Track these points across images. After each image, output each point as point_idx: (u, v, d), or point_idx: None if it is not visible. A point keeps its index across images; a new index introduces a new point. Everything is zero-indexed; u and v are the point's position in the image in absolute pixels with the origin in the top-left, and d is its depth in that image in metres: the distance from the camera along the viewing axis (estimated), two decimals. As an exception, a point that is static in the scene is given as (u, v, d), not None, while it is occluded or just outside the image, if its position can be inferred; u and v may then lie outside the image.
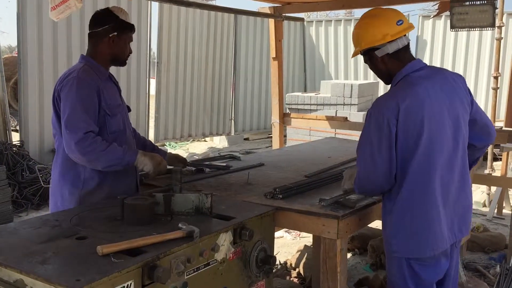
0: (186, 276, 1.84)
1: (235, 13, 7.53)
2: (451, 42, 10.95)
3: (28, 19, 7.29)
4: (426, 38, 11.34)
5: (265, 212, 2.30)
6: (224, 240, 2.02)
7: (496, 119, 6.31)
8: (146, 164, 2.56)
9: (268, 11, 5.39)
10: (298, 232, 5.05)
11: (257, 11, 5.62)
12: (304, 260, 4.10)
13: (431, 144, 2.24)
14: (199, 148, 10.71)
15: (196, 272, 1.89)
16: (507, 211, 5.84)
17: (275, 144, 5.74)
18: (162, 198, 2.20)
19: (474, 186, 3.18)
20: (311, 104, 9.26)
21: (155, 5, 9.22)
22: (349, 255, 4.52)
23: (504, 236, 4.81)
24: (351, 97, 8.93)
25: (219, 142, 11.09)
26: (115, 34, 2.62)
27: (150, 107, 9.48)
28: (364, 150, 2.32)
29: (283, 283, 3.79)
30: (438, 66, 2.61)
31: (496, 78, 6.18)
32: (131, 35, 2.71)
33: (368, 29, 2.36)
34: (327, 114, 8.21)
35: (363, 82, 9.82)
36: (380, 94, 10.48)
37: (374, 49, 2.34)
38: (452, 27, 3.81)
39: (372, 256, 4.33)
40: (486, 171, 6.27)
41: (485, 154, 5.88)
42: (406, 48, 2.36)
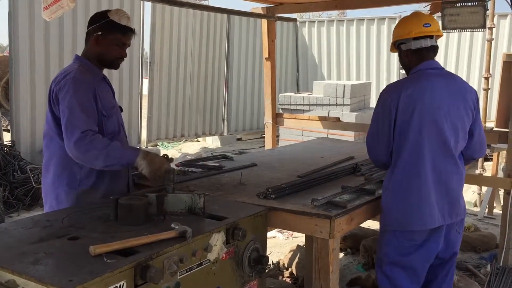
0: (179, 276, 1.84)
1: (228, 13, 7.53)
2: (443, 43, 10.98)
3: (19, 18, 7.21)
4: (418, 39, 11.38)
5: (257, 212, 2.31)
6: (217, 240, 2.02)
7: (487, 120, 6.35)
8: (144, 167, 2.47)
9: (261, 12, 5.39)
10: (291, 232, 5.06)
11: (250, 11, 5.62)
12: (296, 260, 4.11)
13: (420, 135, 2.54)
14: (191, 148, 10.69)
15: (189, 272, 1.89)
16: (497, 211, 5.87)
17: (268, 144, 5.75)
18: (155, 198, 2.19)
19: (465, 186, 3.24)
20: (303, 105, 9.28)
21: (148, 5, 9.19)
22: (341, 254, 4.53)
23: (494, 236, 4.85)
24: (343, 97, 8.96)
25: (212, 142, 11.08)
26: (100, 33, 2.57)
27: (143, 107, 9.44)
28: (373, 119, 2.73)
29: (275, 283, 3.80)
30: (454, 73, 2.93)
31: (487, 79, 6.23)
32: (120, 36, 2.60)
33: (400, 25, 2.79)
34: (320, 114, 8.22)
35: (356, 82, 9.84)
36: (372, 94, 10.54)
37: (401, 43, 2.71)
38: (444, 28, 3.83)
39: (364, 255, 4.35)
40: (477, 171, 6.31)
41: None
42: (429, 49, 2.67)
